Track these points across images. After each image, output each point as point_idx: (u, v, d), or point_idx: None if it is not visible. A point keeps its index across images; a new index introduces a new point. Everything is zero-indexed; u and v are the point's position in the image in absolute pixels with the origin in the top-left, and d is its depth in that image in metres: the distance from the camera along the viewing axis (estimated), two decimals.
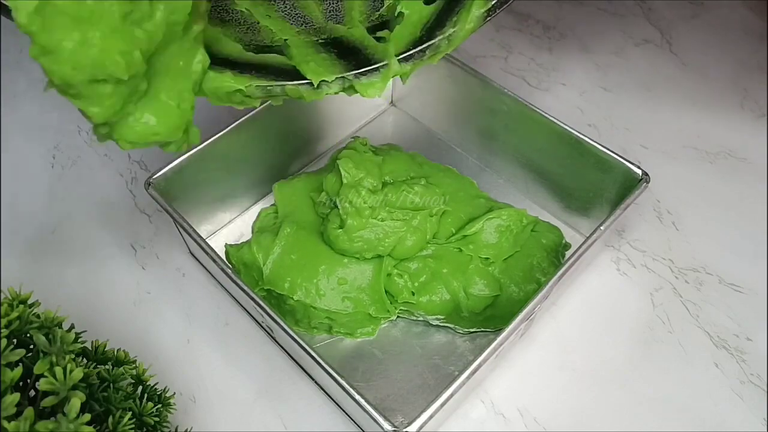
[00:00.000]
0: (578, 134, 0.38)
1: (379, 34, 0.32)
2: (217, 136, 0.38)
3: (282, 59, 0.31)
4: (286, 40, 0.32)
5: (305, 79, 0.30)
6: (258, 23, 0.32)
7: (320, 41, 0.31)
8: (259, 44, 0.32)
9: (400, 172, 0.41)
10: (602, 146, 0.38)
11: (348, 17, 0.34)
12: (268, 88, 0.29)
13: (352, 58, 0.30)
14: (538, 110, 0.40)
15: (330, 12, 0.34)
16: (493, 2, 0.31)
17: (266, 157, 0.43)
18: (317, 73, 0.29)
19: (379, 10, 0.34)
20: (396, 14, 0.32)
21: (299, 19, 0.33)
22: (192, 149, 0.37)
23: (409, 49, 0.31)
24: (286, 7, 0.34)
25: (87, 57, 0.22)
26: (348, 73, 0.30)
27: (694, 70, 0.54)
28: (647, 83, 0.53)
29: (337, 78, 0.30)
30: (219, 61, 0.30)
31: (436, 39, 0.31)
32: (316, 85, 0.29)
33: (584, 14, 0.59)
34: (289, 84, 0.30)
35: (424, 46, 0.31)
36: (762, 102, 0.51)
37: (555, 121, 0.39)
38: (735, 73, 0.54)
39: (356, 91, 0.30)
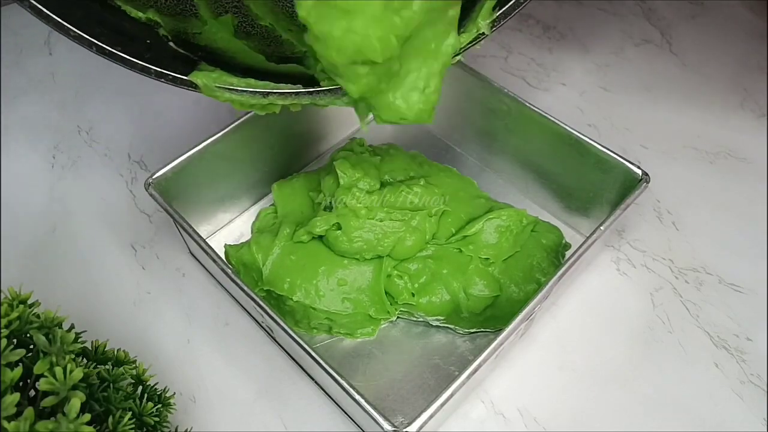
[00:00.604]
0: (578, 134, 0.38)
1: None
2: (217, 136, 0.38)
3: (302, 69, 0.33)
4: (305, 51, 0.34)
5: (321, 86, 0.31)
6: (281, 36, 0.34)
7: None
8: (281, 55, 0.34)
9: (400, 171, 0.41)
10: (602, 146, 0.38)
11: None
12: (288, 96, 0.31)
13: None
14: (538, 110, 0.40)
15: None
16: (497, 15, 0.31)
17: (266, 158, 0.43)
18: (330, 82, 0.31)
19: None
20: None
21: None
22: (192, 149, 0.37)
23: None
24: None
25: (350, 43, 0.25)
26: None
27: (694, 70, 0.54)
28: (647, 83, 0.53)
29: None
30: (243, 71, 0.31)
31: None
32: (333, 93, 0.31)
33: (584, 14, 0.59)
34: (308, 90, 0.31)
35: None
36: (762, 102, 0.51)
37: (555, 121, 0.39)
38: (735, 73, 0.54)
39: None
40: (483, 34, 0.31)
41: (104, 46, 0.28)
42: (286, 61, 0.34)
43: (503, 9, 0.31)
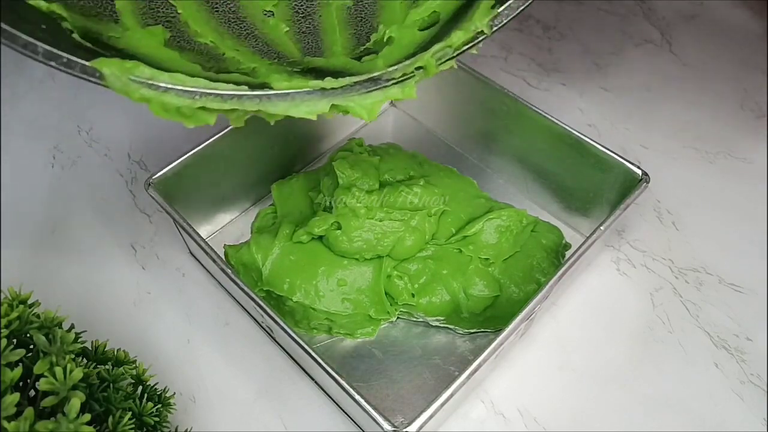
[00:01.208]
0: (578, 134, 0.38)
1: (366, 58, 0.28)
2: (217, 136, 0.38)
3: (247, 78, 0.26)
4: (254, 68, 0.28)
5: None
6: (224, 54, 0.28)
7: (296, 70, 0.28)
8: (222, 70, 0.27)
9: (400, 171, 0.41)
10: (602, 146, 0.38)
11: (328, 52, 0.30)
12: (228, 99, 0.25)
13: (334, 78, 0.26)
14: (538, 110, 0.40)
15: (308, 48, 0.30)
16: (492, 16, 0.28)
17: (266, 158, 0.43)
18: (288, 84, 0.25)
19: (364, 45, 0.30)
20: (385, 40, 0.29)
21: (273, 54, 0.29)
22: (192, 149, 0.37)
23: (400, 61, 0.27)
24: (258, 43, 0.30)
25: None
26: (330, 86, 0.25)
27: (694, 70, 0.54)
28: (647, 83, 0.53)
29: (317, 91, 0.25)
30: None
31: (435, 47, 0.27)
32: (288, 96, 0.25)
33: (584, 14, 0.59)
34: (256, 93, 0.25)
35: (416, 58, 0.27)
36: (762, 102, 0.51)
37: (555, 121, 0.39)
38: (735, 73, 0.54)
39: (344, 112, 0.26)
40: (482, 32, 0.27)
41: None
42: (228, 72, 0.27)
43: (503, 6, 0.27)
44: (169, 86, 0.24)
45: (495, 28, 0.27)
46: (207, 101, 0.24)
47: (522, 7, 0.27)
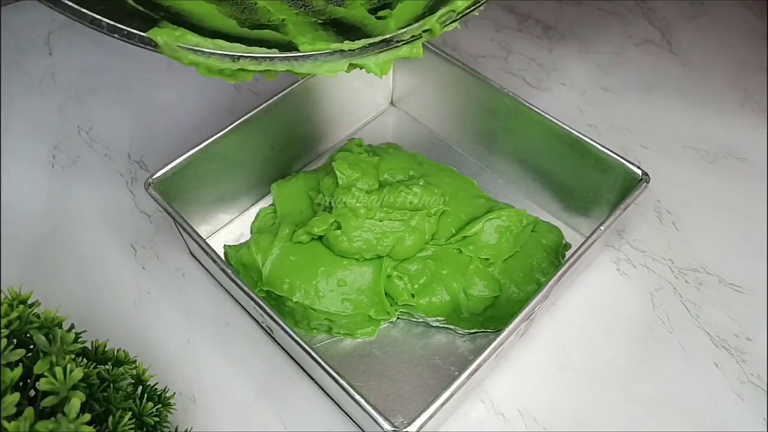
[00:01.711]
0: (578, 134, 0.38)
1: (381, 13, 0.31)
2: (216, 136, 0.38)
3: (278, 35, 0.30)
4: (283, 19, 0.31)
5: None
6: (256, 3, 0.31)
7: (319, 21, 0.31)
8: (255, 23, 0.30)
9: (399, 171, 0.41)
10: (602, 146, 0.38)
11: (348, 2, 0.33)
12: (262, 61, 0.28)
13: (352, 35, 0.30)
14: (538, 110, 0.40)
15: None
16: None
17: (266, 158, 0.43)
18: (313, 45, 0.29)
19: None
20: None
21: (299, 1, 0.33)
22: (192, 149, 0.37)
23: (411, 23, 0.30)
24: None
25: None
26: (348, 48, 0.29)
27: (694, 70, 0.54)
28: (647, 83, 0.53)
29: (337, 53, 0.29)
30: (211, 35, 0.28)
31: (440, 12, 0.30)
32: (311, 57, 0.29)
33: (584, 14, 0.59)
34: (284, 55, 0.28)
35: (424, 20, 0.30)
36: (762, 102, 0.51)
37: (555, 121, 0.39)
38: (735, 73, 0.54)
39: (360, 67, 0.29)
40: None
41: None
42: (260, 28, 0.30)
43: None
44: (213, 51, 0.27)
45: None
46: (244, 63, 0.28)
47: None
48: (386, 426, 0.28)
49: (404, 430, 0.28)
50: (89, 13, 0.26)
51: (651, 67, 0.54)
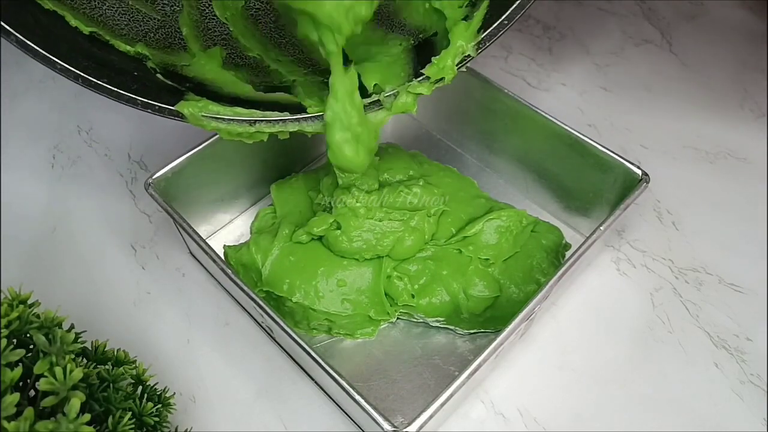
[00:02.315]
0: (578, 134, 0.38)
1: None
2: (216, 136, 0.38)
3: (289, 97, 0.34)
4: (294, 80, 0.35)
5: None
6: (269, 66, 0.35)
7: (325, 81, 0.33)
8: (268, 85, 0.35)
9: (399, 170, 0.41)
10: (602, 146, 0.38)
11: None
12: (276, 124, 0.32)
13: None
14: (538, 110, 0.40)
15: None
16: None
17: (266, 158, 0.43)
18: (320, 107, 0.32)
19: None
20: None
21: (307, 62, 0.36)
22: (192, 149, 0.37)
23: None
24: (295, 52, 0.36)
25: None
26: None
27: (694, 70, 0.54)
28: (647, 83, 0.53)
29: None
30: (230, 101, 0.32)
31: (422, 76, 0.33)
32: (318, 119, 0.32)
33: (584, 14, 0.59)
34: (295, 117, 0.32)
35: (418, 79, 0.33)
36: (762, 102, 0.51)
37: (555, 121, 0.39)
38: (735, 74, 0.54)
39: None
40: (469, 56, 0.33)
41: (91, 78, 0.29)
42: (273, 90, 0.34)
43: (488, 31, 0.32)
44: (232, 118, 0.31)
45: (481, 50, 0.33)
46: (260, 127, 0.32)
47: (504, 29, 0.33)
48: (386, 426, 0.28)
49: (404, 430, 0.28)
50: (126, 93, 0.29)
51: (651, 67, 0.54)
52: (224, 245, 0.40)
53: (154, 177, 0.36)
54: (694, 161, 0.47)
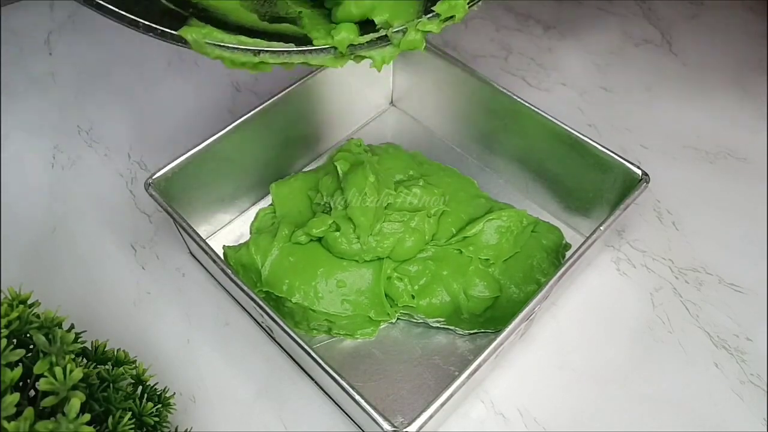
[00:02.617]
0: (578, 134, 0.38)
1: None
2: (216, 136, 0.38)
3: (295, 29, 0.32)
4: (300, 12, 0.34)
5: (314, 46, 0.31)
6: None
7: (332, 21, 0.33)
8: (274, 15, 0.33)
9: (399, 170, 0.41)
10: (602, 146, 0.38)
11: None
12: (280, 55, 0.31)
13: (363, 28, 0.32)
14: (538, 110, 0.40)
15: None
16: None
17: (266, 158, 0.43)
18: (325, 39, 0.31)
19: None
20: None
21: None
22: (192, 149, 0.37)
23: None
24: None
25: None
26: (357, 42, 0.31)
27: (694, 70, 0.54)
28: (647, 83, 0.53)
29: (349, 47, 0.31)
30: (235, 29, 0.31)
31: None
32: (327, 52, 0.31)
33: (584, 14, 0.59)
34: (300, 49, 0.31)
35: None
36: (762, 102, 0.51)
37: (555, 121, 0.39)
38: (735, 73, 0.54)
39: (366, 58, 0.32)
40: None
41: None
42: (279, 21, 0.33)
43: None
44: (236, 47, 0.30)
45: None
46: (264, 57, 0.31)
47: None
48: (386, 426, 0.28)
49: (404, 430, 0.28)
50: (128, 14, 0.28)
51: (651, 67, 0.54)
52: (224, 246, 0.40)
53: (154, 177, 0.36)
54: (694, 161, 0.47)
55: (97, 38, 0.56)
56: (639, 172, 0.37)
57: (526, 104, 0.40)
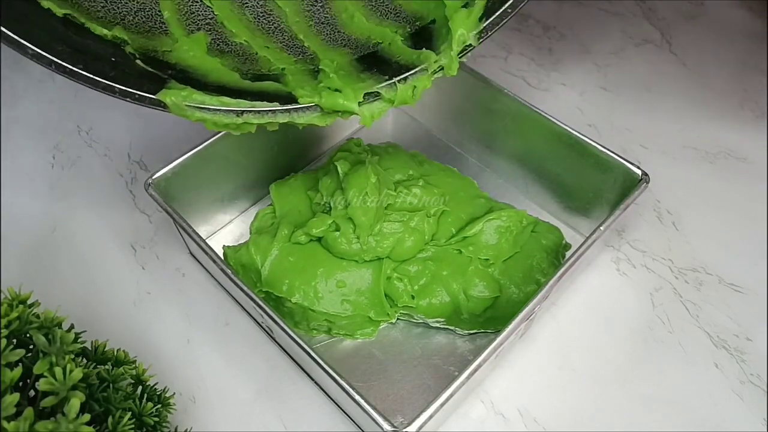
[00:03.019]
0: (578, 134, 0.38)
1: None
2: (216, 136, 0.38)
3: (278, 86, 0.32)
4: (283, 69, 0.33)
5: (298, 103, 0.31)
6: (256, 53, 0.33)
7: (316, 69, 0.32)
8: (256, 73, 0.33)
9: (399, 170, 0.41)
10: (602, 146, 0.38)
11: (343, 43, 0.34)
12: (264, 114, 0.30)
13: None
14: (538, 110, 0.40)
15: (326, 40, 0.34)
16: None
17: (266, 158, 0.43)
18: (311, 97, 0.31)
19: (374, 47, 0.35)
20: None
21: (297, 49, 0.34)
22: (191, 150, 0.37)
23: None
24: (284, 38, 0.34)
25: None
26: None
27: (694, 70, 0.54)
28: (647, 83, 0.53)
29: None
30: (216, 89, 0.30)
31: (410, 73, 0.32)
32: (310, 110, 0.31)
33: (584, 14, 0.59)
34: (285, 108, 0.30)
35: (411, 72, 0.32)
36: (762, 102, 0.51)
37: (555, 121, 0.39)
38: (735, 74, 0.54)
39: (354, 114, 0.32)
40: (470, 45, 0.31)
41: (64, 64, 0.27)
42: (261, 79, 0.32)
43: (490, 19, 0.30)
44: (218, 108, 0.29)
45: (483, 39, 0.31)
46: (248, 118, 0.30)
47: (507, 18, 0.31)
48: (386, 426, 0.28)
49: (404, 430, 0.28)
50: (102, 80, 0.27)
51: (651, 67, 0.54)
52: (223, 246, 0.40)
53: (153, 177, 0.36)
54: (694, 161, 0.47)
55: None
56: (639, 172, 0.37)
57: (526, 104, 0.40)
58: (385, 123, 0.50)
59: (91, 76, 0.27)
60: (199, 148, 0.37)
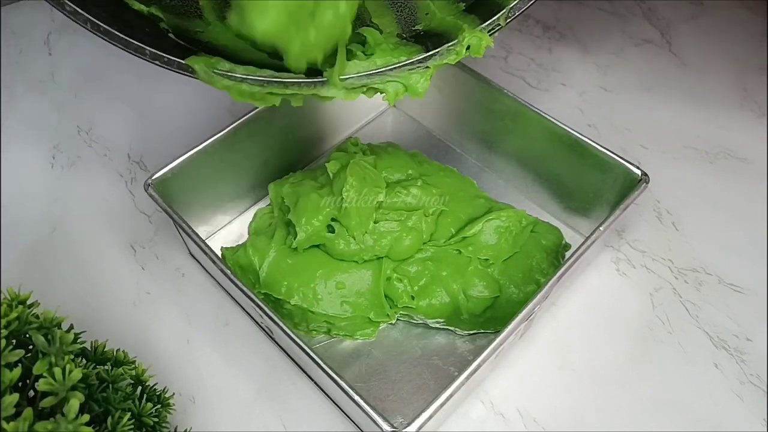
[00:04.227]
0: (578, 134, 0.38)
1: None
2: (216, 137, 0.38)
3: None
4: None
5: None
6: None
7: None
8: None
9: (398, 169, 0.41)
10: (602, 146, 0.38)
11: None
12: (289, 86, 0.30)
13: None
14: (538, 110, 0.40)
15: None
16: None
17: (266, 159, 0.43)
18: (339, 72, 0.30)
19: (416, 25, 0.35)
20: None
21: None
22: (191, 150, 0.37)
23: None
24: None
25: None
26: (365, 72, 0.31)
27: (694, 70, 0.54)
28: (647, 83, 0.53)
29: (363, 77, 0.31)
30: (245, 64, 0.30)
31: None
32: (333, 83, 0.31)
33: (584, 14, 0.59)
34: (311, 80, 0.30)
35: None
36: (762, 102, 0.51)
37: (555, 121, 0.39)
38: (735, 73, 0.54)
39: (380, 92, 0.32)
40: (499, 25, 0.32)
41: (98, 22, 0.27)
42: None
43: (515, 3, 0.31)
44: (244, 76, 0.29)
45: (510, 19, 0.32)
46: (273, 88, 0.30)
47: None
48: (385, 426, 0.28)
49: (404, 430, 0.28)
50: (134, 42, 0.28)
51: (651, 67, 0.54)
52: (222, 247, 0.40)
53: (153, 177, 0.36)
54: (694, 161, 0.47)
55: (97, 39, 0.56)
56: (639, 172, 0.37)
57: (526, 104, 0.40)
58: (384, 123, 0.50)
59: (124, 37, 0.28)
60: (198, 148, 0.37)
